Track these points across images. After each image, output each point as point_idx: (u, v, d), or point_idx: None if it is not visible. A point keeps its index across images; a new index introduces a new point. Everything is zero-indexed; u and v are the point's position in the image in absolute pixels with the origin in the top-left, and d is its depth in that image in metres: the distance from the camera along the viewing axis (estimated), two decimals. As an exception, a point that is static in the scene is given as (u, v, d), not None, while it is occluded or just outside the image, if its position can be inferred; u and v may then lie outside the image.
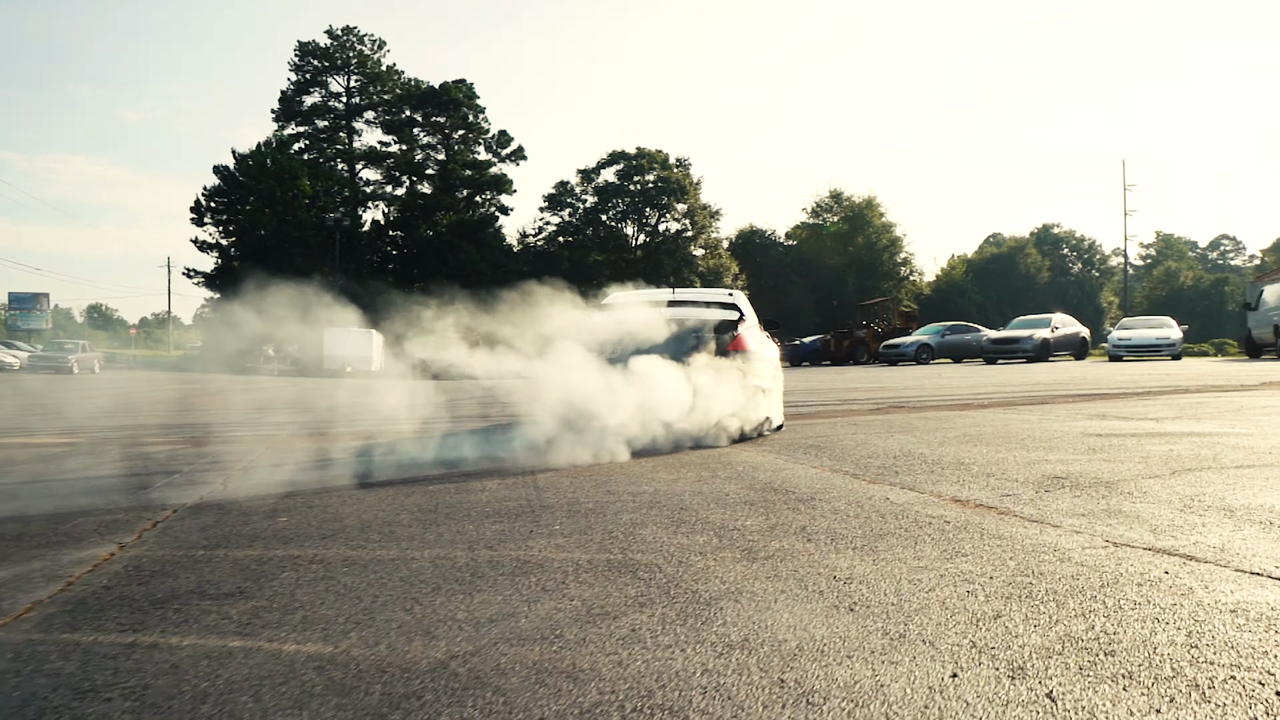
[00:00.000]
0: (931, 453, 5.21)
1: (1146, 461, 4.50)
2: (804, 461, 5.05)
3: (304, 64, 64.63)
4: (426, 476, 4.72)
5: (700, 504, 3.68)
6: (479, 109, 66.08)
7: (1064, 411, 7.79)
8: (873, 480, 4.26)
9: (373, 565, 2.70)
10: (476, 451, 5.91)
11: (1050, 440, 5.60)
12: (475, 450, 5.99)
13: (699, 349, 6.36)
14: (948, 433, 6.32)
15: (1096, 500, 3.50)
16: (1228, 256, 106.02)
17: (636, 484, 4.28)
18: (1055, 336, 25.98)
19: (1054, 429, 6.28)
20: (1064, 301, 62.24)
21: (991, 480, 4.10)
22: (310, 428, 8.65)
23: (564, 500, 3.83)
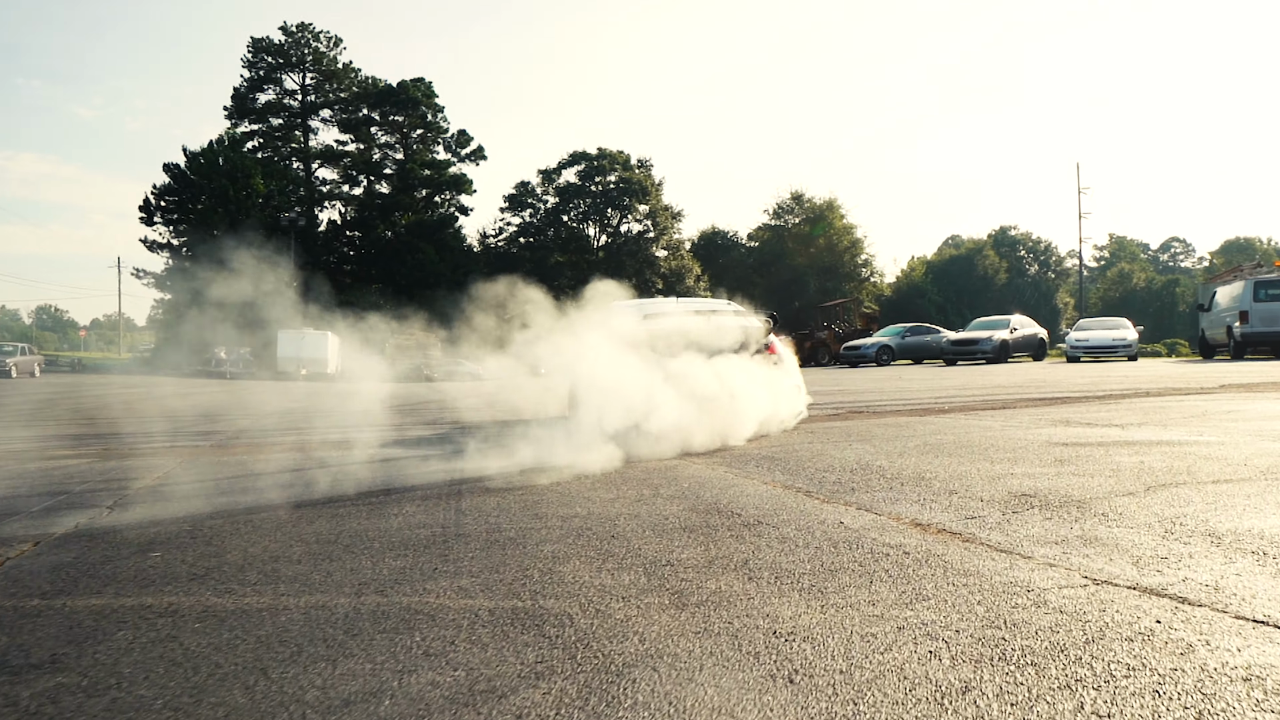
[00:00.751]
0: (891, 465, 4.88)
1: (1118, 475, 4.20)
2: (755, 476, 4.70)
3: (257, 60, 63.28)
4: (341, 497, 4.29)
5: (635, 531, 3.30)
6: (438, 108, 65.19)
7: (1027, 417, 7.53)
8: (827, 499, 3.91)
9: (232, 619, 2.27)
10: (407, 466, 5.48)
11: (1015, 450, 5.30)
12: (406, 464, 5.56)
13: (757, 351, 7.18)
14: (908, 442, 6.01)
15: (1069, 523, 3.18)
16: (1178, 258, 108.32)
17: (569, 505, 3.88)
18: (1014, 338, 26.04)
19: (1018, 437, 6.00)
20: (1021, 302, 62.92)
21: (955, 499, 3.77)
22: (238, 437, 8.14)
23: (484, 527, 3.42)
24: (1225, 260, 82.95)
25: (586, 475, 4.83)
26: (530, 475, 4.90)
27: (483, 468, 5.29)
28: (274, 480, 5.00)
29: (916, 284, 70.28)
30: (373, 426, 9.14)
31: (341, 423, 9.91)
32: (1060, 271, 79.28)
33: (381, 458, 6.04)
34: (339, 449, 6.73)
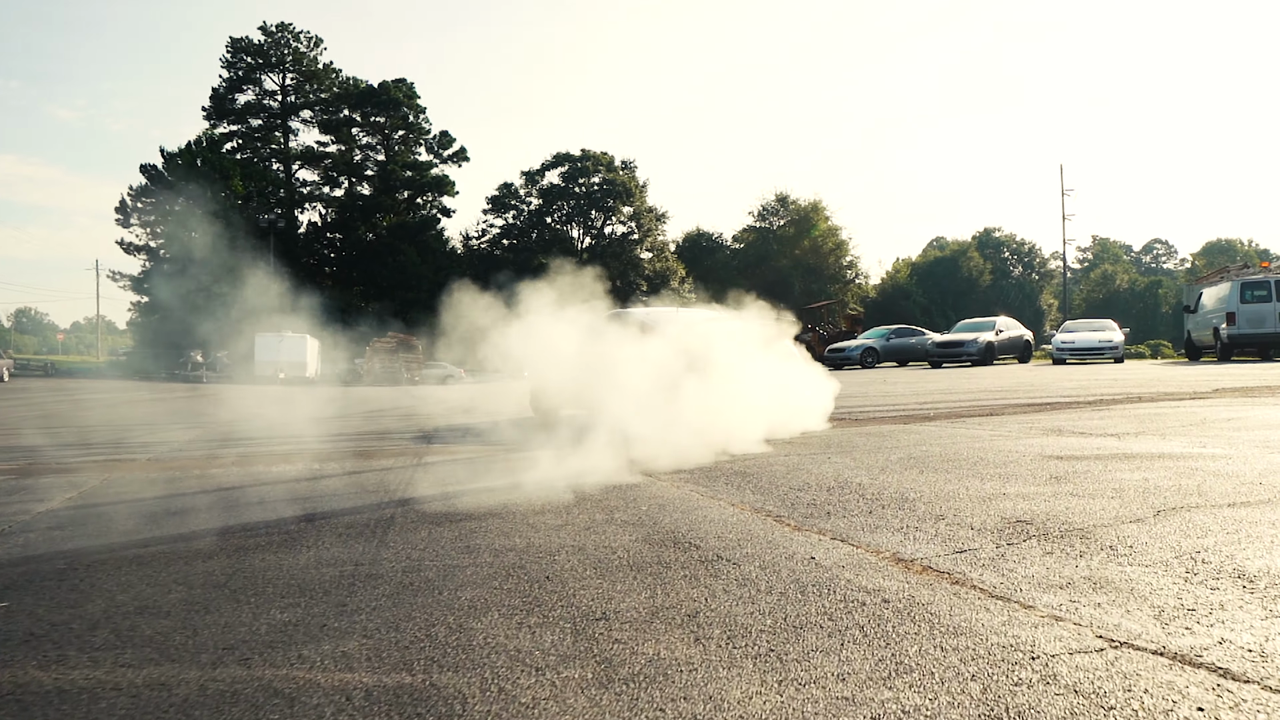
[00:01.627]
0: (872, 483, 4.46)
1: (1121, 496, 3.79)
2: (723, 495, 4.26)
3: (237, 61, 62.49)
4: (257, 525, 3.82)
5: (574, 569, 2.86)
6: (420, 109, 64.59)
7: (1016, 425, 7.13)
8: (799, 525, 3.49)
9: (37, 707, 1.81)
10: (345, 486, 5.03)
11: (1006, 464, 4.89)
12: (346, 483, 5.10)
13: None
14: (891, 454, 5.59)
15: (1073, 559, 2.75)
16: (1160, 260, 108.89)
17: (508, 535, 3.44)
18: (999, 340, 25.74)
19: (1008, 449, 5.59)
20: (1005, 304, 62.88)
21: (942, 525, 3.34)
22: (184, 449, 7.65)
23: (402, 566, 2.97)
24: (1207, 262, 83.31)
25: (538, 495, 4.39)
26: (476, 496, 4.45)
27: (429, 486, 4.84)
28: (194, 503, 4.54)
29: (901, 286, 70.19)
30: (329, 437, 8.66)
31: (297, 432, 9.42)
32: (1044, 273, 79.40)
33: (324, 474, 5.57)
34: (283, 462, 6.26)
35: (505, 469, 5.59)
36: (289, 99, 63.66)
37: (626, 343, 11.77)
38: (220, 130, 62.14)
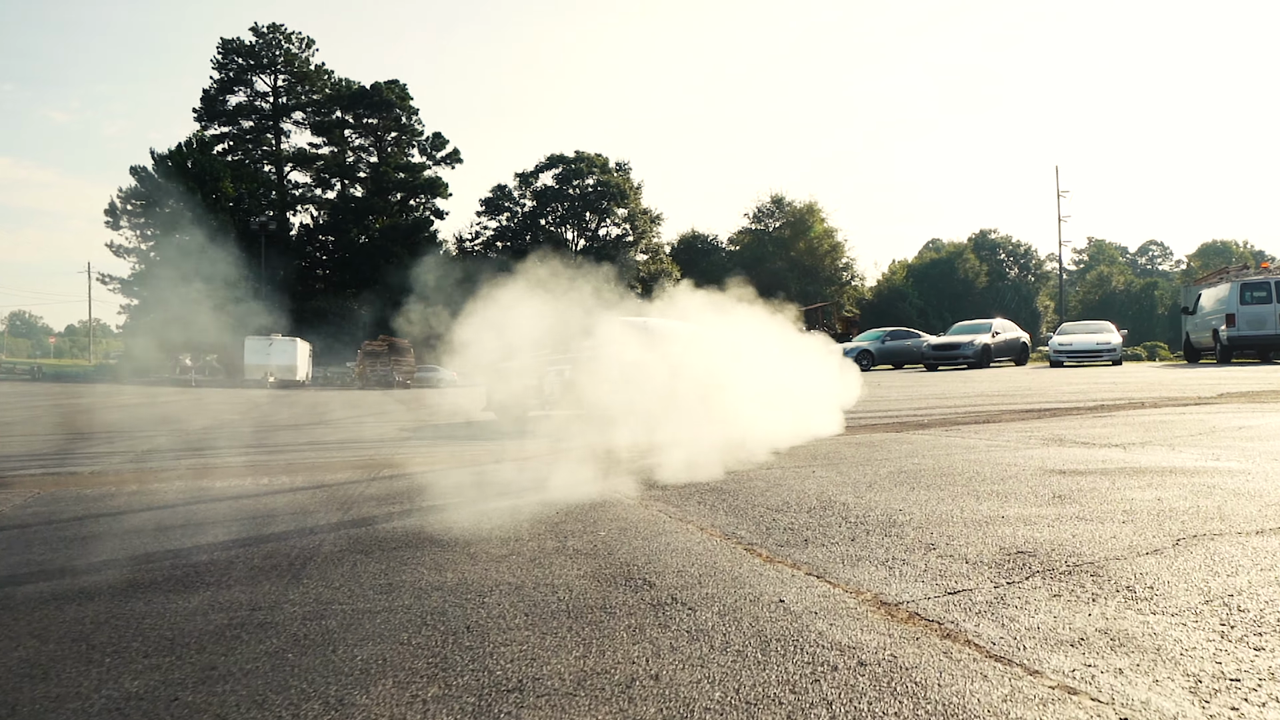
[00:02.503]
0: (858, 502, 4.05)
1: (1134, 520, 3.38)
2: (693, 517, 3.86)
3: (228, 62, 62.12)
4: (167, 552, 3.41)
5: (503, 616, 2.45)
6: (412, 110, 64.27)
7: (1014, 434, 6.73)
8: (772, 555, 3.08)
9: None
10: (290, 507, 4.61)
11: (1004, 480, 4.48)
12: (292, 503, 4.69)
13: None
14: (880, 467, 5.19)
15: (1086, 603, 2.35)
16: (1156, 261, 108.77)
17: (441, 568, 3.03)
18: (996, 342, 25.38)
19: (1006, 462, 5.18)
20: (1001, 306, 62.63)
21: (933, 557, 2.94)
22: (139, 459, 7.22)
23: (304, 610, 2.55)
24: (1203, 263, 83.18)
25: (490, 517, 3.97)
26: (423, 516, 4.04)
27: (377, 505, 4.42)
28: (114, 526, 4.12)
29: (897, 287, 69.88)
30: (296, 445, 8.25)
31: (266, 441, 9.01)
32: (1040, 275, 79.18)
33: (271, 490, 5.16)
34: (235, 476, 5.85)
35: (467, 483, 5.18)
36: (281, 100, 63.29)
37: (621, 348, 11.61)
38: (211, 132, 61.74)
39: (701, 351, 12.14)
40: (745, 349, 9.81)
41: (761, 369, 10.94)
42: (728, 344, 10.05)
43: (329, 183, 64.46)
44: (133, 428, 11.27)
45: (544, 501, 4.40)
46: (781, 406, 10.45)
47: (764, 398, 10.77)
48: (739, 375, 10.47)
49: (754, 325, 11.38)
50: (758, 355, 11.78)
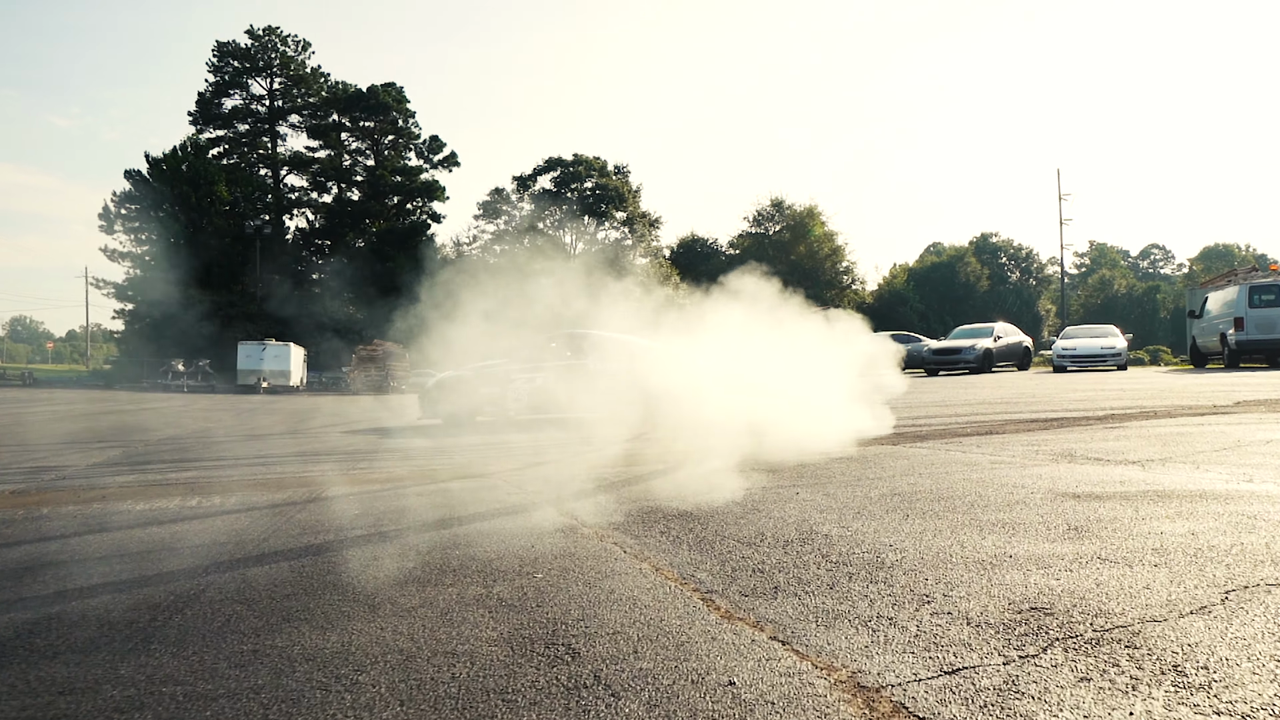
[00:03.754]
0: (842, 534, 3.51)
1: (1167, 561, 2.84)
2: (651, 552, 3.32)
3: (223, 65, 61.63)
4: (12, 602, 2.87)
5: (373, 706, 1.90)
6: (409, 113, 63.81)
7: (1020, 448, 6.18)
8: (732, 609, 2.54)
9: None
10: (204, 537, 4.08)
11: (1011, 506, 3.94)
12: (207, 532, 4.15)
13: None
14: (871, 488, 4.64)
15: (1124, 693, 1.81)
16: (1158, 265, 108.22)
17: (328, 628, 2.48)
18: (998, 346, 24.82)
19: (1013, 482, 4.64)
20: (1003, 309, 62.05)
21: (926, 615, 2.40)
22: (76, 475, 6.67)
23: (118, 699, 2.01)
24: (1205, 267, 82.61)
25: (415, 554, 3.44)
26: (339, 552, 3.50)
27: (297, 534, 3.88)
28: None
29: (898, 291, 69.32)
30: (251, 458, 7.72)
31: (224, 453, 8.48)
32: (1042, 278, 78.58)
33: (189, 514, 4.62)
34: (165, 495, 5.32)
35: (412, 507, 4.65)
36: (277, 103, 62.83)
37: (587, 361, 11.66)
38: (207, 135, 61.23)
39: (666, 363, 12.19)
40: (727, 358, 9.91)
41: (761, 375, 10.85)
42: (700, 356, 10.55)
43: (325, 186, 63.92)
44: (91, 439, 10.74)
45: (486, 532, 3.86)
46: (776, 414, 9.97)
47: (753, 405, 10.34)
48: (723, 383, 10.47)
49: (761, 327, 11.14)
50: (751, 361, 11.57)
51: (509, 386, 11.43)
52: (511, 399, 11.36)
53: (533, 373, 11.39)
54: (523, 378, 11.37)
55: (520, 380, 11.40)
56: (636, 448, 7.66)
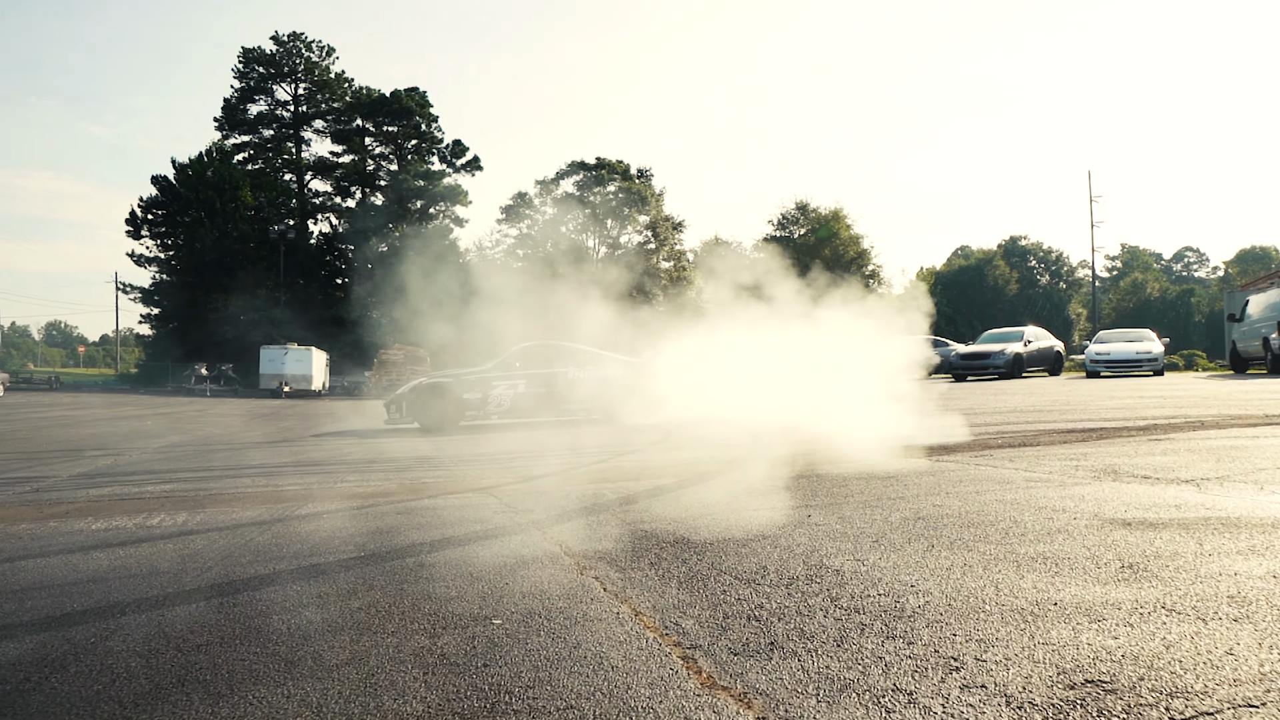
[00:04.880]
0: (855, 570, 3.04)
1: (1250, 615, 2.35)
2: (634, 592, 2.87)
3: (248, 71, 61.96)
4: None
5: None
6: (432, 118, 63.82)
7: (1057, 463, 5.67)
8: (716, 673, 2.09)
9: None
10: (136, 559, 3.68)
11: (1052, 536, 3.45)
12: (137, 556, 3.76)
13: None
14: (892, 510, 4.16)
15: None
16: (1192, 268, 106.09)
17: (225, 694, 2.06)
18: (1028, 351, 24.08)
19: (1052, 505, 4.14)
20: (1032, 313, 60.98)
21: (953, 686, 1.93)
22: (53, 486, 6.33)
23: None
24: (1241, 270, 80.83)
25: (374, 587, 3.01)
26: (285, 587, 3.09)
27: (226, 568, 3.47)
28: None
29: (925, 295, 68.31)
30: (238, 470, 7.36)
31: (213, 464, 8.14)
32: (1072, 282, 77.27)
33: (145, 536, 4.23)
34: (125, 515, 4.95)
35: (385, 528, 4.23)
36: (301, 109, 63.09)
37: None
38: (233, 141, 61.58)
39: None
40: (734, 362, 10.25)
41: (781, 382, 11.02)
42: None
43: (349, 191, 64.08)
44: (91, 446, 10.46)
45: (455, 561, 3.43)
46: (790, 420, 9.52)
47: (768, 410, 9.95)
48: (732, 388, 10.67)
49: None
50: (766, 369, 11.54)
51: (490, 392, 12.14)
52: (494, 405, 12.11)
53: (514, 380, 12.22)
54: (504, 384, 12.15)
55: (502, 387, 12.16)
56: (644, 460, 7.22)
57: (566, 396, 12.35)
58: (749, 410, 13.01)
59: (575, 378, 12.34)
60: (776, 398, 12.62)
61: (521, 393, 12.21)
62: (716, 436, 9.01)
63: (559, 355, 12.59)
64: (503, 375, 12.24)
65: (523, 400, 12.21)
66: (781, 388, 12.68)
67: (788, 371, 12.58)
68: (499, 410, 12.17)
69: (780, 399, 12.50)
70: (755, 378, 13.46)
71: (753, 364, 13.72)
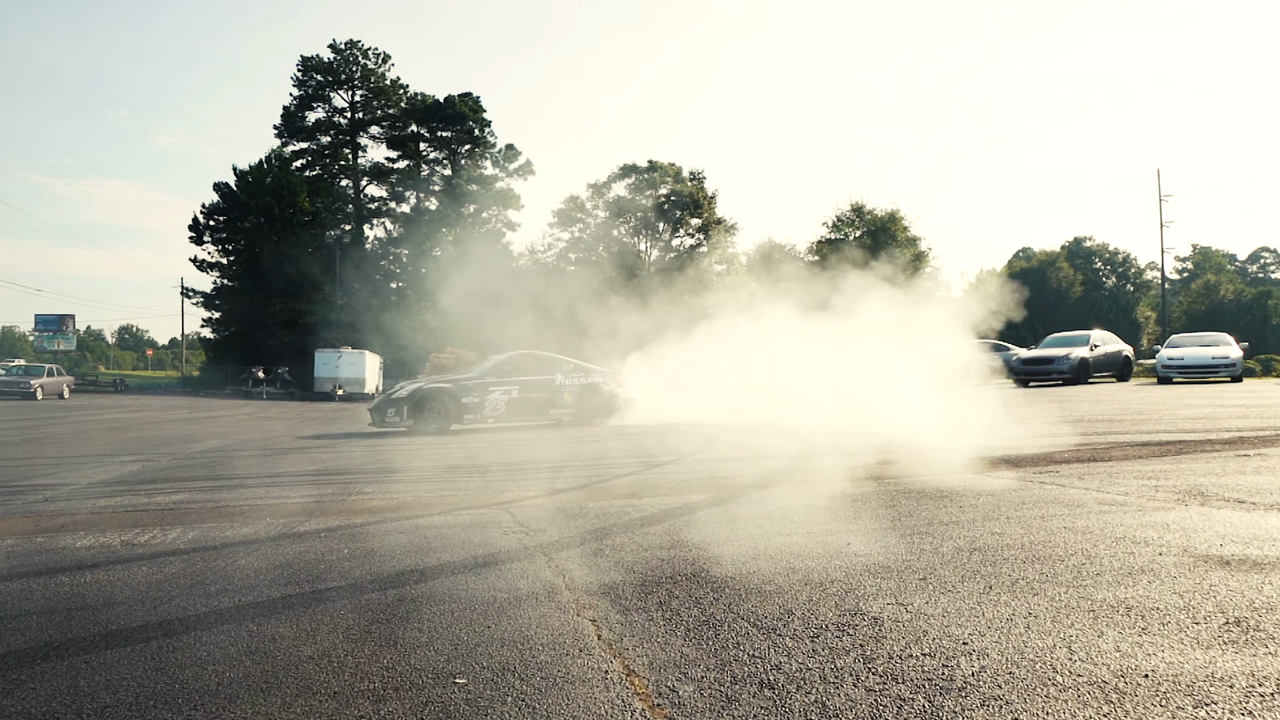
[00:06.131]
0: (898, 616, 2.57)
1: (1405, 701, 1.82)
2: (635, 636, 2.44)
3: (307, 79, 63.04)
4: None
5: None
6: (485, 122, 64.16)
7: (1133, 482, 5.08)
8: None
9: None
10: (101, 586, 3.37)
11: (1134, 577, 2.92)
12: (112, 581, 3.44)
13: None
14: (943, 538, 3.66)
15: None
16: (1269, 269, 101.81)
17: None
18: (1095, 356, 22.99)
19: (1131, 535, 3.59)
20: (1098, 316, 58.98)
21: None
22: (65, 496, 6.13)
23: None
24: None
25: (319, 635, 2.63)
26: (238, 628, 2.72)
27: (213, 597, 3.12)
28: None
29: (985, 298, 66.58)
30: (258, 479, 7.10)
31: (236, 471, 7.92)
32: (1140, 284, 74.67)
33: (121, 557, 3.93)
34: (118, 529, 4.67)
35: (382, 549, 3.87)
36: (357, 115, 63.95)
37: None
38: (291, 148, 62.67)
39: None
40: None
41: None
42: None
43: (403, 196, 64.79)
44: (125, 451, 10.37)
45: (441, 595, 3.04)
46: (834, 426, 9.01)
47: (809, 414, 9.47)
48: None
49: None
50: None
51: (486, 397, 12.95)
52: (489, 409, 12.94)
53: (508, 386, 13.12)
54: (499, 390, 13.03)
55: (497, 392, 13.02)
56: (678, 472, 6.78)
57: (553, 402, 13.30)
58: (794, 415, 12.46)
59: (561, 385, 13.37)
60: (826, 402, 12.09)
61: (515, 398, 13.11)
62: (759, 446, 8.52)
63: (544, 364, 13.60)
64: (497, 381, 13.12)
65: (515, 405, 13.10)
66: (832, 392, 12.18)
67: (839, 376, 12.13)
68: (494, 414, 12.98)
69: (831, 404, 11.97)
70: (803, 381, 13.07)
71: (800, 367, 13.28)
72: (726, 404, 14.74)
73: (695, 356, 15.41)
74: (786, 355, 13.72)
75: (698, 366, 15.25)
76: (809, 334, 12.94)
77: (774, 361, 13.39)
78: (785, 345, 13.28)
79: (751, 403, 13.88)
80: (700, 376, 15.18)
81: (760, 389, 13.79)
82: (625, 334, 19.80)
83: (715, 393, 14.85)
